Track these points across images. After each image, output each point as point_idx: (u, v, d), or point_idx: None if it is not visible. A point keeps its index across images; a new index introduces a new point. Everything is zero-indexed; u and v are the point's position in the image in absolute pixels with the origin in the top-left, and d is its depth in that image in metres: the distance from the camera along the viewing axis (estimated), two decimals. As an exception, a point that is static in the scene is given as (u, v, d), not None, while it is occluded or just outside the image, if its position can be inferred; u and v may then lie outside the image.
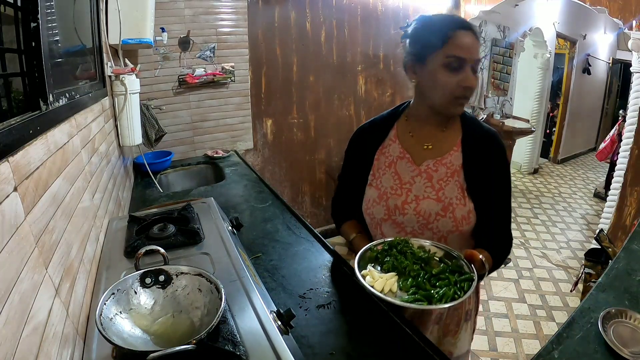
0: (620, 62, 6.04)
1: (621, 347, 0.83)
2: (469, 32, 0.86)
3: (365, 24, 3.04)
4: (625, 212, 2.75)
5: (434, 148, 0.97)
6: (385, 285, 0.78)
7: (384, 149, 1.01)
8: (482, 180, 0.92)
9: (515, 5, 3.85)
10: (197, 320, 0.70)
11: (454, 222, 0.91)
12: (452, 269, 0.81)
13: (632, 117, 2.79)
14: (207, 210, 1.25)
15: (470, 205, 0.92)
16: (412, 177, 0.96)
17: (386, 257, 0.85)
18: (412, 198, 0.95)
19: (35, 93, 0.68)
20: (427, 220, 0.93)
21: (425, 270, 0.81)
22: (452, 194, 0.92)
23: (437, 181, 0.94)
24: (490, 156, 0.93)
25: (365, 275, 0.81)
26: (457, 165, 0.94)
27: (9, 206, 0.51)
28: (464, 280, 0.76)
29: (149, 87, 2.28)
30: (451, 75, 0.86)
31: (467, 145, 0.95)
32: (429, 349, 0.83)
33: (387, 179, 0.98)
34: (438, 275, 0.79)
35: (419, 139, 0.99)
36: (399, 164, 0.98)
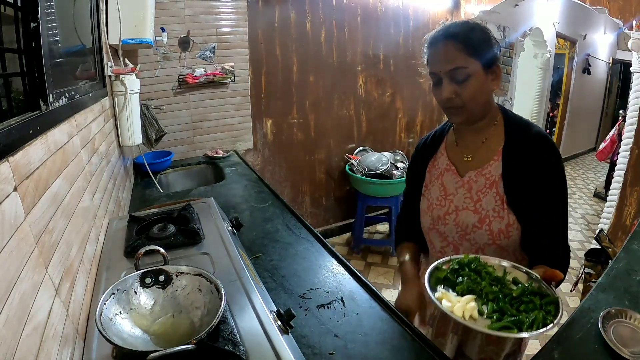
0: (620, 62, 6.04)
1: (621, 347, 0.83)
2: (438, 45, 0.87)
3: (365, 24, 3.04)
4: (625, 212, 2.75)
5: (474, 159, 0.96)
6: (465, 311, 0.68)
7: (435, 162, 1.04)
8: (529, 190, 0.86)
9: (515, 5, 3.85)
10: (197, 320, 0.70)
11: (489, 235, 0.89)
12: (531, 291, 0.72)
13: (632, 117, 2.79)
14: (207, 210, 1.25)
15: (511, 218, 0.87)
16: (456, 188, 0.96)
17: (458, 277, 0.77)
18: (453, 209, 0.95)
19: (35, 93, 0.68)
20: (464, 231, 0.93)
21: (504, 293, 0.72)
22: (489, 205, 0.90)
23: (476, 192, 0.93)
24: (538, 163, 0.86)
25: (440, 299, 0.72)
26: (497, 176, 0.90)
27: (9, 206, 0.51)
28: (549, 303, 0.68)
29: (149, 87, 2.28)
30: (436, 89, 0.89)
31: (509, 154, 0.90)
32: (429, 350, 0.83)
33: (435, 190, 1.01)
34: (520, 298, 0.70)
35: (462, 150, 0.98)
36: (445, 175, 0.99)
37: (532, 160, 0.87)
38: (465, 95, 0.85)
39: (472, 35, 0.85)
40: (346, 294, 1.03)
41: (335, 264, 1.18)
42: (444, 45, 0.86)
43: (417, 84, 3.47)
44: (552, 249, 0.87)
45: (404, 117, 3.49)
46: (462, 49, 0.84)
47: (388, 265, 3.03)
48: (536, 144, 0.88)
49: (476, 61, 0.84)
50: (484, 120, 0.94)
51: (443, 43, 0.86)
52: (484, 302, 0.71)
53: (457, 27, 0.86)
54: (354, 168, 3.01)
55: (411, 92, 3.44)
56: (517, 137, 0.91)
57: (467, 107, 0.87)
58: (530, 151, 0.88)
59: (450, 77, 0.85)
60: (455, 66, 0.84)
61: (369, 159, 3.00)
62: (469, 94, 0.85)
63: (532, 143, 0.89)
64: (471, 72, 0.84)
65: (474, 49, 0.84)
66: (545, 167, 0.86)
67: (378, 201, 3.03)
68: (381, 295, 1.02)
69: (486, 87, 0.87)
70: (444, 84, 0.86)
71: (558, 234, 0.88)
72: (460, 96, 0.85)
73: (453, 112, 0.90)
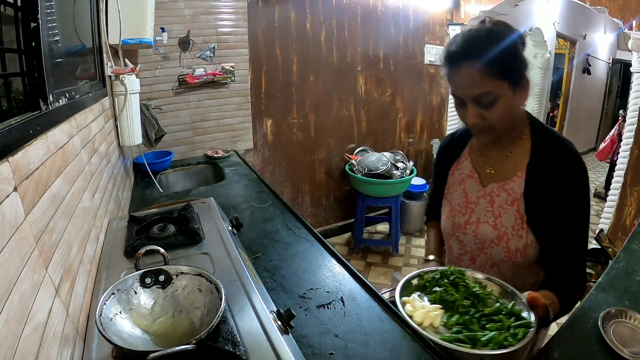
0: (620, 62, 6.04)
1: (621, 347, 0.83)
2: (461, 65, 0.78)
3: (365, 24, 3.04)
4: (625, 212, 2.75)
5: (497, 172, 0.92)
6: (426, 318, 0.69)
7: (458, 165, 1.01)
8: (551, 209, 0.82)
9: (515, 5, 3.84)
10: (197, 320, 0.70)
11: (506, 253, 0.88)
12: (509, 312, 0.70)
13: (632, 117, 2.79)
14: (207, 210, 1.25)
15: (529, 238, 0.85)
16: (478, 197, 0.94)
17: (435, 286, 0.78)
18: (474, 219, 0.94)
19: (35, 93, 0.68)
20: (482, 245, 0.92)
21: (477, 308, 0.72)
22: (509, 223, 0.87)
23: (497, 207, 0.90)
24: (564, 182, 0.81)
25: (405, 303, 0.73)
26: (519, 194, 0.86)
27: (9, 206, 0.51)
28: (519, 326, 0.66)
29: (149, 87, 2.28)
30: (460, 111, 0.85)
31: (534, 171, 0.85)
32: (429, 350, 0.83)
33: (457, 195, 0.99)
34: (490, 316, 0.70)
35: (485, 160, 0.95)
36: (467, 182, 0.97)
37: (557, 180, 0.82)
38: (492, 118, 0.80)
39: (499, 53, 0.76)
40: (346, 294, 1.03)
41: (335, 264, 1.18)
42: (467, 68, 0.77)
43: (417, 84, 3.47)
44: (565, 275, 0.84)
45: (404, 117, 3.49)
46: (488, 72, 0.75)
47: (388, 265, 3.03)
48: (564, 163, 0.82)
49: (503, 82, 0.77)
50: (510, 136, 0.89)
51: (466, 64, 0.77)
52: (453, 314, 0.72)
53: (480, 43, 0.77)
54: (354, 168, 3.01)
55: (411, 92, 3.44)
56: (544, 154, 0.85)
57: (494, 130, 0.83)
58: (556, 170, 0.82)
59: (476, 101, 0.79)
60: (481, 92, 0.77)
61: (369, 159, 3.00)
62: (497, 117, 0.79)
63: (560, 160, 0.83)
64: (498, 96, 0.77)
65: (502, 71, 0.76)
66: (570, 188, 0.81)
67: (378, 201, 3.03)
68: (381, 295, 1.02)
69: (515, 105, 0.81)
70: (469, 108, 0.80)
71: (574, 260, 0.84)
72: (487, 120, 0.80)
73: (479, 133, 0.86)
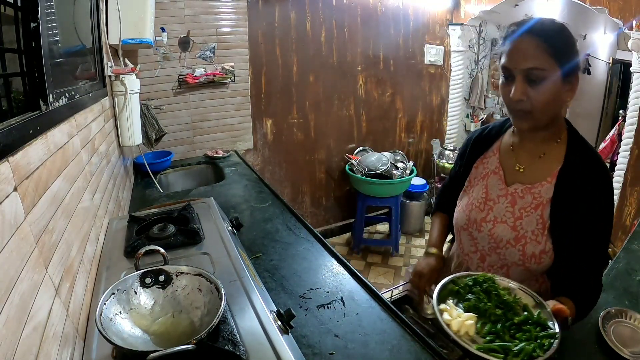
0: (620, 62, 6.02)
1: (621, 347, 0.83)
2: (523, 37, 0.78)
3: (365, 24, 3.04)
4: (625, 212, 2.75)
5: (526, 173, 0.90)
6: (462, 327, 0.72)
7: (484, 159, 0.99)
8: (573, 221, 0.81)
9: (515, 5, 3.84)
10: (197, 320, 0.70)
11: (521, 256, 0.86)
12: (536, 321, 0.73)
13: (632, 117, 2.79)
14: (207, 210, 1.25)
15: (548, 245, 0.83)
16: (498, 196, 0.92)
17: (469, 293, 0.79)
18: (491, 218, 0.92)
19: (35, 93, 0.68)
20: (497, 245, 0.90)
21: (507, 317, 0.74)
22: (529, 226, 0.85)
23: (519, 209, 0.88)
24: (591, 195, 0.81)
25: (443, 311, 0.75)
26: (546, 199, 0.85)
27: (9, 206, 0.51)
28: (546, 337, 0.68)
29: (149, 87, 2.28)
30: (504, 86, 0.82)
31: (565, 179, 0.84)
32: (429, 350, 0.83)
33: (477, 190, 0.97)
34: (520, 325, 0.72)
35: (516, 157, 0.92)
36: (490, 178, 0.95)
37: (586, 192, 0.81)
38: (536, 99, 0.78)
39: (559, 37, 0.78)
40: (346, 294, 1.03)
41: (335, 264, 1.18)
42: (527, 41, 0.78)
43: (417, 84, 3.47)
44: (583, 284, 0.83)
45: (404, 117, 3.49)
46: (545, 49, 0.76)
47: (388, 265, 3.03)
48: (595, 175, 0.82)
49: (556, 65, 0.76)
50: (547, 134, 0.87)
51: (526, 39, 0.78)
52: (485, 321, 0.74)
53: (545, 25, 0.79)
54: (354, 168, 3.01)
55: (411, 92, 3.44)
56: (577, 162, 0.84)
57: (535, 114, 0.80)
58: (586, 181, 0.82)
59: (525, 76, 0.78)
60: (533, 65, 0.76)
61: (369, 159, 3.00)
62: (541, 99, 0.78)
63: (591, 172, 0.82)
64: (548, 76, 0.76)
65: (558, 52, 0.76)
66: (597, 201, 0.81)
67: (378, 201, 3.03)
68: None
69: (560, 96, 0.80)
70: (517, 82, 0.78)
71: (594, 271, 0.84)
72: (531, 100, 0.78)
73: (519, 115, 0.83)
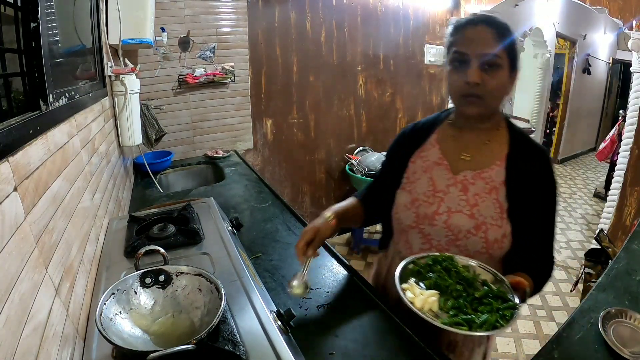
0: (620, 62, 6.04)
1: (621, 347, 0.83)
2: (478, 26, 0.82)
3: (365, 24, 3.04)
4: (625, 212, 2.75)
5: (473, 160, 0.91)
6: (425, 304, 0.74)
7: (422, 153, 0.97)
8: (526, 201, 0.85)
9: (515, 5, 3.85)
10: (197, 320, 0.70)
11: (484, 244, 0.85)
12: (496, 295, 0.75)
13: (632, 117, 2.79)
14: (207, 210, 1.25)
15: (507, 228, 0.85)
16: (447, 185, 0.91)
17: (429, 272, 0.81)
18: (445, 209, 0.89)
19: (35, 93, 0.68)
20: (456, 236, 0.88)
21: (468, 292, 0.77)
22: (487, 212, 0.86)
23: (472, 195, 0.87)
24: (538, 176, 0.86)
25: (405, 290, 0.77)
26: (498, 182, 0.87)
27: (9, 206, 0.51)
28: (507, 309, 0.71)
29: (149, 87, 2.28)
30: (457, 72, 0.84)
31: (513, 161, 0.87)
32: (429, 350, 0.83)
33: (421, 184, 0.94)
34: (481, 299, 0.75)
35: (460, 147, 0.93)
36: (435, 170, 0.93)
37: (532, 173, 0.86)
38: (490, 85, 0.81)
39: (509, 33, 0.83)
40: (346, 294, 1.03)
41: (335, 264, 1.18)
42: (485, 30, 0.82)
43: (417, 84, 3.47)
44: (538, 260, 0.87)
45: (404, 117, 3.49)
46: (500, 40, 0.81)
47: (388, 265, 3.03)
48: (538, 157, 0.87)
49: (507, 57, 0.82)
50: (489, 123, 0.91)
51: (484, 28, 0.82)
52: (447, 298, 0.76)
53: (497, 20, 0.84)
54: (354, 168, 3.01)
55: (411, 92, 3.44)
56: (521, 146, 0.89)
57: (486, 100, 0.83)
58: (532, 163, 0.87)
59: (481, 62, 0.81)
60: (492, 52, 0.80)
61: (369, 159, 3.00)
62: (494, 85, 0.82)
63: (535, 155, 0.88)
64: (502, 65, 0.81)
65: (509, 45, 0.82)
66: (543, 181, 0.86)
67: (378, 201, 3.03)
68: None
69: (507, 86, 0.85)
70: (472, 66, 0.81)
71: (546, 247, 0.89)
72: (485, 85, 0.81)
73: (471, 101, 0.84)
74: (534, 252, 0.87)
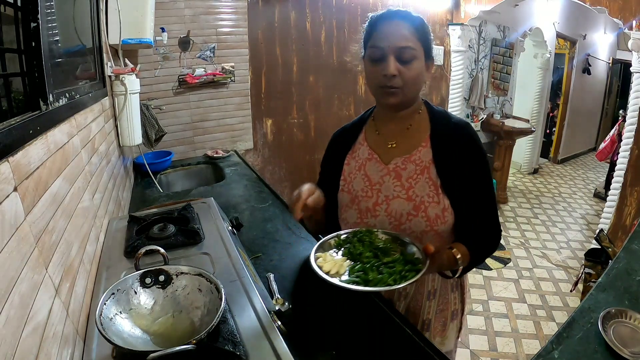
0: (620, 62, 6.04)
1: (621, 347, 0.83)
2: (393, 21, 0.86)
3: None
4: (625, 212, 2.75)
5: (399, 146, 0.94)
6: (334, 267, 0.78)
7: (354, 153, 1.00)
8: (457, 174, 0.89)
9: (515, 5, 3.85)
10: (197, 320, 0.70)
11: (427, 222, 0.88)
12: (405, 260, 0.79)
13: (632, 117, 2.79)
14: (207, 210, 1.25)
15: (445, 202, 0.88)
16: (381, 176, 0.94)
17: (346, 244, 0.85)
18: (383, 199, 0.92)
19: (35, 93, 0.68)
20: (399, 221, 0.90)
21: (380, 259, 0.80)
22: (423, 191, 0.89)
23: (406, 179, 0.91)
24: (464, 148, 0.90)
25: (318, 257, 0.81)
26: (427, 162, 0.90)
27: (9, 206, 0.51)
28: (410, 271, 0.75)
29: (149, 87, 2.28)
30: (374, 65, 0.87)
31: (436, 140, 0.92)
32: (430, 350, 0.83)
33: (357, 182, 0.97)
34: (388, 264, 0.78)
35: (385, 137, 0.97)
36: (368, 165, 0.96)
37: (457, 147, 0.90)
38: (407, 76, 0.85)
39: (422, 24, 0.87)
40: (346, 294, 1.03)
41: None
42: (398, 24, 0.86)
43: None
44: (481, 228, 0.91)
45: (404, 117, 3.49)
46: (413, 32, 0.85)
47: (388, 265, 3.03)
48: (459, 131, 0.92)
49: (422, 48, 0.86)
50: (409, 110, 0.94)
51: (397, 22, 0.86)
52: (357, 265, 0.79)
53: (410, 14, 0.88)
54: (354, 168, 3.01)
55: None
56: (441, 125, 0.93)
57: (404, 90, 0.86)
58: (454, 138, 0.91)
59: (397, 54, 0.84)
60: (407, 45, 0.84)
61: (369, 159, 3.00)
62: (411, 75, 0.85)
63: (456, 130, 0.92)
64: (417, 56, 0.85)
65: (422, 36, 0.86)
66: (470, 153, 0.90)
67: (378, 201, 3.03)
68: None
69: (423, 75, 0.89)
70: (390, 60, 0.84)
71: (489, 214, 0.93)
72: (402, 76, 0.84)
73: (390, 92, 0.87)
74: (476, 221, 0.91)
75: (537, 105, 5.07)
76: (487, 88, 4.08)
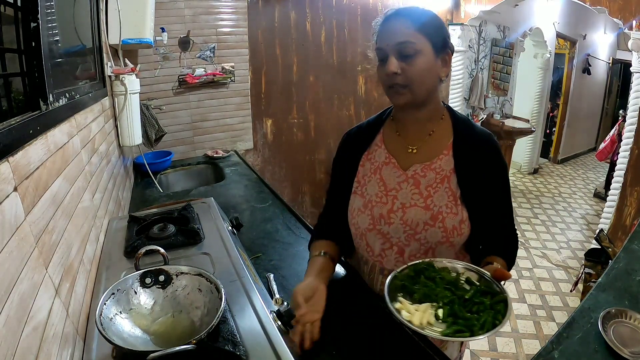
0: (620, 62, 6.03)
1: (621, 347, 0.83)
2: (390, 20, 0.84)
3: (365, 24, 3.04)
4: (625, 212, 2.75)
5: (420, 152, 0.91)
6: (423, 319, 0.72)
7: (369, 155, 0.97)
8: (477, 186, 0.86)
9: (515, 5, 3.85)
10: (197, 320, 0.70)
11: (443, 233, 0.85)
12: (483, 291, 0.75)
13: (632, 117, 2.79)
14: (207, 210, 1.25)
15: (464, 214, 0.86)
16: (398, 182, 0.90)
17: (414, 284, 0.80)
18: (399, 206, 0.89)
19: (35, 93, 0.68)
20: (414, 230, 0.87)
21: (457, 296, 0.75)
22: (442, 201, 0.86)
23: (425, 187, 0.88)
24: (487, 159, 0.88)
25: (399, 310, 0.75)
26: (448, 171, 0.87)
27: (9, 206, 0.51)
28: (498, 302, 0.71)
29: (149, 87, 2.28)
30: (381, 66, 0.85)
31: (459, 148, 0.88)
32: (430, 351, 0.83)
33: (372, 186, 0.93)
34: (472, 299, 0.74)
35: (405, 141, 0.93)
36: (384, 169, 0.93)
37: (480, 158, 0.88)
38: (410, 72, 0.81)
39: (424, 14, 0.84)
40: (346, 294, 1.03)
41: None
42: (394, 21, 0.84)
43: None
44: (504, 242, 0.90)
45: (404, 117, 3.49)
46: (411, 24, 0.81)
47: (388, 265, 3.03)
48: (483, 142, 0.89)
49: (426, 39, 0.81)
50: (428, 112, 0.90)
51: (394, 19, 0.84)
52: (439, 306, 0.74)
53: (410, 8, 0.85)
54: (354, 168, 3.01)
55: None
56: (465, 133, 0.90)
57: (411, 88, 0.82)
58: (478, 148, 0.89)
59: (397, 51, 0.81)
60: (404, 40, 0.80)
61: (369, 159, 3.00)
62: (416, 71, 0.81)
63: (480, 140, 0.90)
64: (419, 49, 0.80)
65: (425, 27, 0.81)
66: (492, 164, 0.88)
67: (378, 201, 3.03)
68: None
69: (434, 70, 0.83)
70: (390, 58, 0.81)
71: (508, 227, 0.92)
72: (406, 73, 0.81)
73: (396, 91, 0.84)
74: (497, 233, 0.90)
75: (537, 105, 5.07)
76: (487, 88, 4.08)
